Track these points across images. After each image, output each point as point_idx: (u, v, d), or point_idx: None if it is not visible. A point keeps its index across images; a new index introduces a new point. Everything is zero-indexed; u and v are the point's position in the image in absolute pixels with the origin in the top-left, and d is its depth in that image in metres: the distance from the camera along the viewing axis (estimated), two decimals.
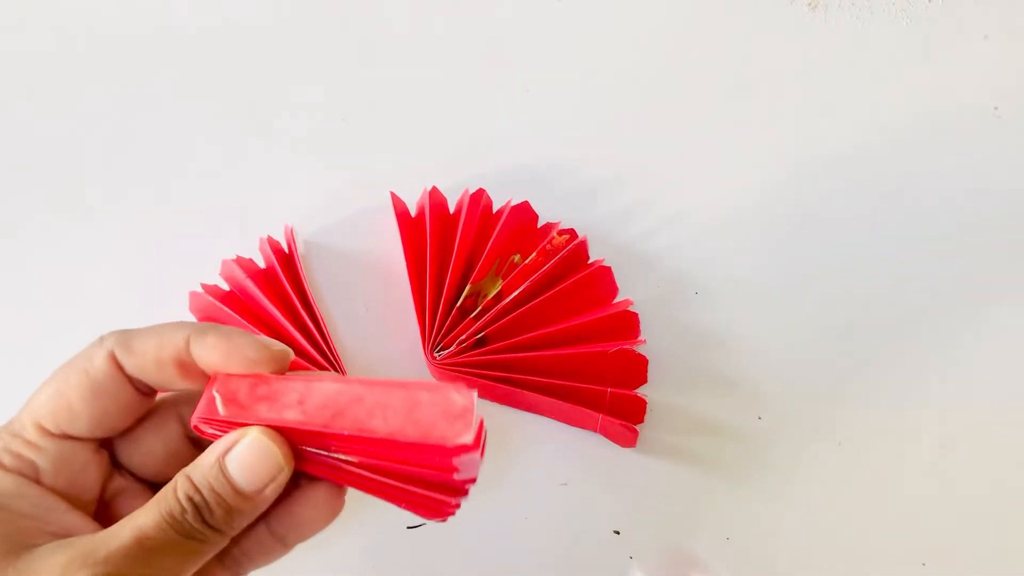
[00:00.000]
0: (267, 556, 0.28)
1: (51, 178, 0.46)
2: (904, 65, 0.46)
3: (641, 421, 0.39)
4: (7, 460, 0.26)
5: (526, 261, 0.41)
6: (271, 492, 0.26)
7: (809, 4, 0.47)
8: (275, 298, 0.40)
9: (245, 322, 0.40)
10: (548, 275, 0.41)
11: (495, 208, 0.43)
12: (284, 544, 0.28)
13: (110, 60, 0.48)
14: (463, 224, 0.41)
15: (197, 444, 0.28)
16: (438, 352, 0.39)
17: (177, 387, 0.26)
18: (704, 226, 0.43)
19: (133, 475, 0.28)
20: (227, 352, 0.25)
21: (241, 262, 0.42)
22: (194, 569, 0.25)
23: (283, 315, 0.40)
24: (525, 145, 0.45)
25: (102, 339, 0.26)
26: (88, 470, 0.27)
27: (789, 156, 0.44)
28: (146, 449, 0.28)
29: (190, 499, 0.25)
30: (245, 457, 0.25)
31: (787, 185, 0.44)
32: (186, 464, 0.26)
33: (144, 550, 0.24)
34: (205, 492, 0.25)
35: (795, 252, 0.42)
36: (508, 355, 0.39)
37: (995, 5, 0.47)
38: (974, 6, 0.47)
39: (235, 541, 0.27)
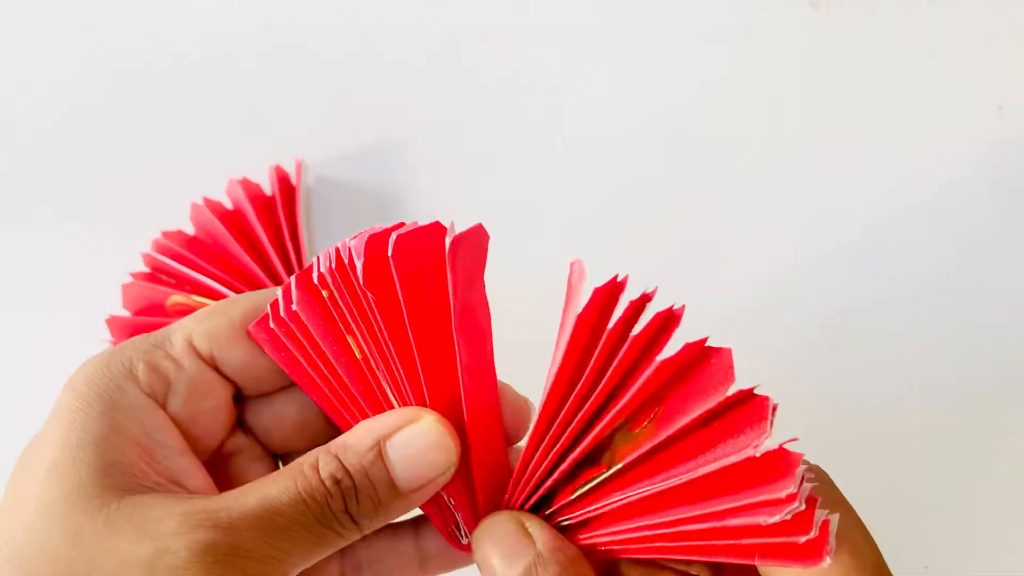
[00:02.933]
0: (400, 574, 0.24)
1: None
2: (906, 63, 0.46)
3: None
4: (141, 373, 0.22)
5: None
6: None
7: (811, 3, 0.47)
8: (268, 225, 0.42)
9: (233, 241, 0.41)
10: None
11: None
12: (425, 569, 0.24)
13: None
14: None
15: (333, 423, 0.24)
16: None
17: None
18: (704, 225, 0.43)
19: (256, 438, 0.25)
20: None
21: (247, 184, 0.43)
22: (316, 560, 0.21)
23: (269, 240, 0.41)
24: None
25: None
26: (217, 414, 0.23)
27: (789, 154, 0.44)
28: (278, 411, 0.24)
29: (337, 482, 0.21)
30: (414, 446, 0.21)
31: (787, 184, 0.44)
32: (316, 440, 0.23)
33: (271, 525, 0.20)
34: (356, 478, 0.21)
35: (796, 251, 0.42)
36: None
37: (998, 4, 0.46)
38: (977, 5, 0.47)
39: (367, 542, 0.23)
